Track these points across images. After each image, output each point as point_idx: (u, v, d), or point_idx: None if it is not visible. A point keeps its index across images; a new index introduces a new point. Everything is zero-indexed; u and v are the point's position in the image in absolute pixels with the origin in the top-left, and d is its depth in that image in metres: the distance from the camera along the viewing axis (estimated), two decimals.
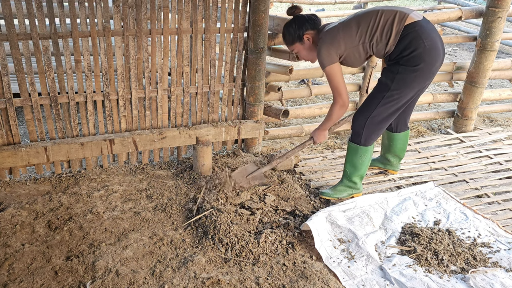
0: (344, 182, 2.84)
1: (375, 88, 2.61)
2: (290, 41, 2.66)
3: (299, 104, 4.79)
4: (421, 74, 2.46)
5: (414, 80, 2.47)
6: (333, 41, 2.49)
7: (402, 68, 2.45)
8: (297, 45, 2.66)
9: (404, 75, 2.46)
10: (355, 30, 2.49)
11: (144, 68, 2.93)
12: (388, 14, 2.45)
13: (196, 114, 3.22)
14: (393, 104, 2.55)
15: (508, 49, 7.83)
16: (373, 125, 2.62)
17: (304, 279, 2.16)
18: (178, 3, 2.82)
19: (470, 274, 2.18)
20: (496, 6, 3.49)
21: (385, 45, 2.48)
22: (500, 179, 3.20)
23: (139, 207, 2.69)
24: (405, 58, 2.44)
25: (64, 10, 2.62)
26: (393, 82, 2.49)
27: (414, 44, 2.40)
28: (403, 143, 3.01)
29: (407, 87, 2.50)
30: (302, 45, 2.65)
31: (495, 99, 4.23)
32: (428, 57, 2.42)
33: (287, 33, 2.65)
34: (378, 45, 2.49)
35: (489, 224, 2.58)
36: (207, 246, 2.36)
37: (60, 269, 2.16)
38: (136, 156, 3.17)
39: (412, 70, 2.44)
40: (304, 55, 2.71)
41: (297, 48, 2.68)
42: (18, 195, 2.75)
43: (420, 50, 2.40)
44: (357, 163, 2.74)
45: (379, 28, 2.45)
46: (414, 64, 2.43)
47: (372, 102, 2.59)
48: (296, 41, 2.64)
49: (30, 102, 2.76)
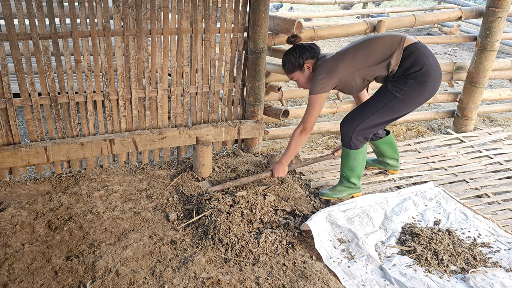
0: (343, 182, 2.84)
1: (378, 95, 2.60)
2: (290, 69, 2.69)
3: (299, 104, 4.79)
4: (427, 90, 2.50)
5: (420, 95, 2.51)
6: (330, 71, 2.54)
7: (410, 82, 2.48)
8: (297, 73, 2.69)
9: (412, 89, 2.49)
10: (352, 57, 2.53)
11: (144, 68, 2.93)
12: (385, 39, 2.52)
13: (196, 114, 3.22)
14: (389, 115, 2.58)
15: (508, 49, 7.83)
16: (362, 130, 2.63)
17: (304, 279, 2.16)
18: (178, 3, 2.82)
19: (470, 274, 2.18)
20: (496, 6, 3.49)
21: (387, 67, 2.51)
22: (500, 179, 3.20)
23: (139, 207, 2.69)
24: (413, 74, 2.47)
25: (64, 10, 2.62)
26: (399, 94, 2.51)
27: (420, 62, 2.46)
28: (391, 145, 3.03)
29: (411, 101, 2.53)
30: (302, 74, 2.69)
31: (495, 99, 4.23)
32: (434, 74, 2.49)
33: (288, 61, 2.68)
34: (379, 69, 2.52)
35: (489, 224, 2.58)
36: (207, 246, 2.36)
37: (60, 269, 2.16)
38: (136, 156, 3.17)
39: (421, 85, 2.48)
40: (303, 83, 2.74)
41: (297, 76, 2.71)
42: (18, 195, 2.75)
43: (427, 67, 2.46)
44: (353, 166, 2.75)
45: (378, 53, 2.49)
46: (423, 80, 2.47)
47: (370, 109, 2.60)
48: (296, 69, 2.67)
49: (30, 102, 2.76)
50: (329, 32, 3.36)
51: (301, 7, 11.57)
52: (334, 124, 3.78)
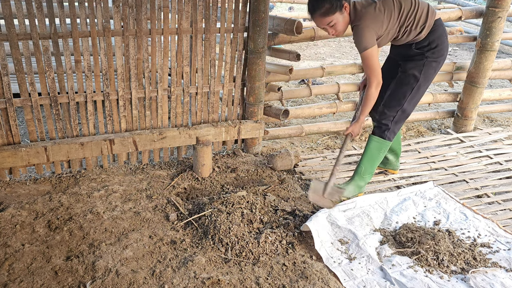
0: (356, 180, 2.79)
1: (402, 80, 2.62)
2: (332, 10, 2.39)
3: (299, 104, 4.79)
4: (438, 66, 2.61)
5: (435, 72, 2.61)
6: (375, 21, 2.40)
7: (427, 60, 2.56)
8: (337, 15, 2.41)
9: (429, 67, 2.57)
10: (397, 11, 2.46)
11: (144, 68, 2.93)
12: (423, 5, 2.53)
13: (196, 114, 3.22)
14: (418, 96, 2.64)
15: (508, 49, 7.83)
16: (403, 118, 2.66)
17: (304, 279, 2.16)
18: (178, 3, 2.82)
19: (470, 274, 2.18)
20: (496, 6, 3.49)
21: (417, 33, 2.54)
22: (500, 179, 3.20)
23: (139, 207, 2.69)
24: (432, 50, 2.54)
25: (64, 10, 2.62)
26: (421, 74, 2.57)
27: (441, 39, 2.55)
28: (397, 138, 3.02)
29: (429, 79, 2.62)
30: (342, 15, 2.43)
31: (495, 99, 4.23)
32: (446, 52, 2.60)
33: (327, 2, 2.37)
34: (410, 32, 2.53)
35: (489, 224, 2.58)
36: (207, 246, 2.36)
37: (60, 269, 2.16)
38: (136, 156, 3.17)
39: (435, 62, 2.57)
40: (340, 27, 2.48)
41: (336, 19, 2.43)
42: (18, 195, 2.75)
43: (444, 45, 2.56)
44: (377, 159, 2.74)
45: (417, 16, 2.49)
46: (438, 56, 2.56)
47: (402, 94, 2.61)
48: (337, 9, 2.40)
49: (30, 102, 2.76)
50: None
51: (301, 7, 11.56)
52: (334, 124, 3.77)
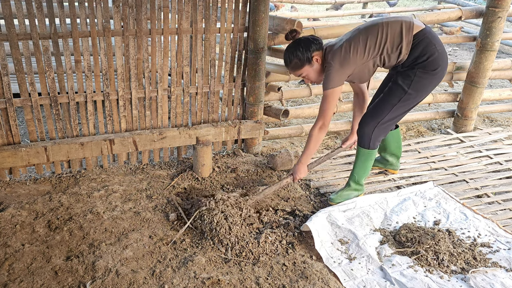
0: (352, 186, 2.82)
1: (389, 91, 2.58)
2: (299, 65, 2.53)
3: (299, 104, 4.79)
4: (437, 77, 2.51)
5: (431, 83, 2.52)
6: (343, 62, 2.45)
7: (419, 72, 2.47)
8: (306, 68, 2.54)
9: (422, 79, 2.49)
10: (363, 45, 2.45)
11: (144, 68, 2.93)
12: (394, 25, 2.45)
13: (196, 114, 3.22)
14: (405, 106, 2.58)
15: (508, 49, 7.83)
16: (382, 128, 2.64)
17: (304, 279, 2.16)
18: (178, 3, 2.82)
19: (470, 274, 2.18)
20: (496, 6, 3.49)
21: (398, 56, 2.48)
22: (500, 179, 3.20)
23: (139, 207, 2.69)
24: (421, 63, 2.46)
25: (64, 10, 2.62)
26: (410, 86, 2.51)
27: (428, 50, 2.44)
28: (396, 141, 3.02)
29: (423, 90, 2.53)
30: (312, 68, 2.55)
31: (495, 99, 4.23)
32: (442, 61, 2.48)
33: (295, 57, 2.51)
34: (390, 57, 2.49)
35: (489, 224, 2.58)
36: (207, 246, 2.36)
37: (60, 269, 2.16)
38: (136, 156, 3.17)
39: (431, 74, 2.48)
40: (313, 78, 2.60)
41: (306, 71, 2.56)
42: (18, 195, 2.75)
43: (436, 55, 2.45)
44: (368, 166, 2.75)
45: (389, 40, 2.44)
46: (433, 68, 2.47)
47: (386, 106, 2.58)
48: (305, 64, 2.52)
49: (30, 102, 2.76)
50: (329, 32, 3.36)
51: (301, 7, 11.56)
52: (334, 124, 3.78)
